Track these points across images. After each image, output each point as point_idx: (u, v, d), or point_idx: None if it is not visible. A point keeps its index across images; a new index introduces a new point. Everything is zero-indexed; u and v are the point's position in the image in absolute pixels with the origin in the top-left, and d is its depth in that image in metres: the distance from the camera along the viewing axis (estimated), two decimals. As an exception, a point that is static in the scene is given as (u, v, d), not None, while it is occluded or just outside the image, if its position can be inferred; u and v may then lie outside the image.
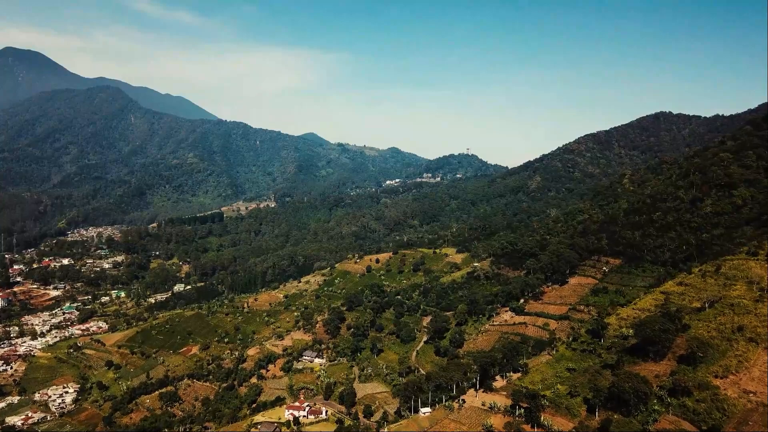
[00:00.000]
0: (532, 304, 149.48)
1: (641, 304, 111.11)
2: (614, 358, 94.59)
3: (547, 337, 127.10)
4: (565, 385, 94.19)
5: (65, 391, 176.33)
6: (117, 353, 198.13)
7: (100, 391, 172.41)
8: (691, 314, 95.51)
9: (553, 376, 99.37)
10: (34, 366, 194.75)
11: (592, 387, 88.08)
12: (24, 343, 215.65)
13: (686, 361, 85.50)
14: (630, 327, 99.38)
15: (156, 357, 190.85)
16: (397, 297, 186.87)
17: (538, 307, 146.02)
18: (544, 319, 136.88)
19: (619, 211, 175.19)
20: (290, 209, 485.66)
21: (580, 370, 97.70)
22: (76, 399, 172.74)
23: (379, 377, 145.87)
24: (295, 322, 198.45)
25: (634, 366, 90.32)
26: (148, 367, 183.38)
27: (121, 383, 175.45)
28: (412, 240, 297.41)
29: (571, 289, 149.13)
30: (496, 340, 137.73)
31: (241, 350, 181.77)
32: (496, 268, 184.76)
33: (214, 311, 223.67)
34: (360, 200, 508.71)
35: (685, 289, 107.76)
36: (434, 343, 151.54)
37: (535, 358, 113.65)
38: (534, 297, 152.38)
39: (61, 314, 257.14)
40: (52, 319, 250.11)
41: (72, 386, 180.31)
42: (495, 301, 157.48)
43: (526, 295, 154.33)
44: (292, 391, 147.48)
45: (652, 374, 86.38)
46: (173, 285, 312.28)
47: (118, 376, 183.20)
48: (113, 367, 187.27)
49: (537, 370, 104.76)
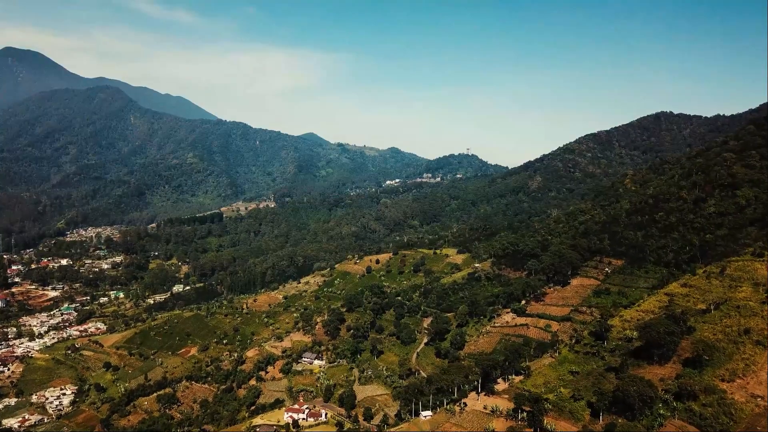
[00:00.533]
0: (534, 305, 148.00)
1: (645, 305, 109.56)
2: (618, 361, 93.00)
3: (549, 338, 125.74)
4: (568, 389, 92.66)
5: (63, 393, 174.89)
6: (115, 355, 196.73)
7: (97, 392, 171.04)
8: (696, 316, 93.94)
9: (556, 379, 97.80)
10: (32, 367, 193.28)
11: (596, 390, 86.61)
12: (22, 344, 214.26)
13: (692, 365, 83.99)
14: (634, 329, 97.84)
15: (154, 358, 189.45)
16: (398, 298, 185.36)
17: (540, 309, 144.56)
18: (546, 321, 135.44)
19: (622, 212, 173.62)
20: (290, 209, 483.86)
21: (584, 373, 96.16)
22: (74, 401, 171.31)
23: (379, 379, 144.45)
24: (294, 323, 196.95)
25: (638, 369, 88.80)
26: (146, 369, 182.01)
27: (119, 385, 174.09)
28: (412, 240, 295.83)
29: (573, 291, 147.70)
30: (497, 342, 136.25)
31: (240, 352, 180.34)
32: (497, 268, 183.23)
33: (213, 312, 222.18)
34: (360, 200, 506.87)
35: (689, 290, 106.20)
36: (435, 344, 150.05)
37: (537, 360, 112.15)
38: (536, 298, 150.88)
39: (60, 315, 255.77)
40: (50, 320, 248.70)
41: (70, 388, 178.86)
42: (496, 302, 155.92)
43: (528, 296, 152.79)
44: (292, 393, 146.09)
45: (657, 377, 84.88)
46: (172, 285, 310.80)
47: (116, 377, 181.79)
48: (111, 369, 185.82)
49: (539, 373, 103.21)
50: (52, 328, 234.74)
